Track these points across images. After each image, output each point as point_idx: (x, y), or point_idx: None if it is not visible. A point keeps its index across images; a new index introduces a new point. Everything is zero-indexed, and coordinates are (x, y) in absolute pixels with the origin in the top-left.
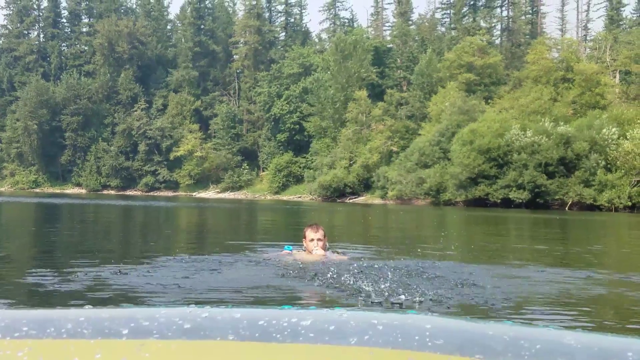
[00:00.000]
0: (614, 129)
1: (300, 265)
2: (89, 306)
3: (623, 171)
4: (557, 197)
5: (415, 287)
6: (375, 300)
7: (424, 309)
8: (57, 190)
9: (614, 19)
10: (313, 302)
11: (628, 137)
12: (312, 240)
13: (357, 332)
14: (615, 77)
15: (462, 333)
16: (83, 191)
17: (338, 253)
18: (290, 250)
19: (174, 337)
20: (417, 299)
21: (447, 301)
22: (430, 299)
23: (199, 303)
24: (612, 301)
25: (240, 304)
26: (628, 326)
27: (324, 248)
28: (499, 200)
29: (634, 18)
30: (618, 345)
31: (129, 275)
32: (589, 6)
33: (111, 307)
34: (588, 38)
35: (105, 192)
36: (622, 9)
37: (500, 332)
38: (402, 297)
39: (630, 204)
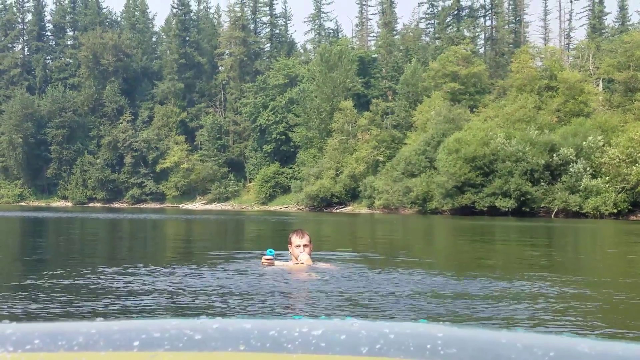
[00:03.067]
0: (599, 137)
1: (288, 276)
2: (100, 318)
3: (608, 178)
4: (543, 204)
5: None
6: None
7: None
8: (43, 204)
9: (596, 28)
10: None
11: (612, 144)
12: (299, 246)
13: (369, 341)
14: (598, 85)
15: (474, 342)
16: (69, 204)
17: (323, 262)
18: (273, 254)
19: (185, 348)
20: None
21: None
22: None
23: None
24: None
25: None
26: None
27: (310, 254)
28: (485, 209)
29: (616, 26)
30: (633, 352)
31: (102, 285)
32: (571, 15)
33: (122, 320)
34: (571, 46)
35: (91, 204)
36: (604, 17)
37: (513, 340)
38: None
39: (615, 210)
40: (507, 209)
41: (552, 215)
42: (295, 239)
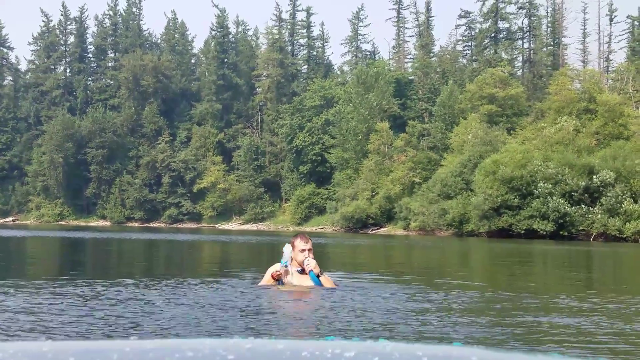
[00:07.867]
0: (637, 160)
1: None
2: (134, 337)
3: None
4: (581, 227)
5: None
6: None
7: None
8: (82, 223)
9: (635, 50)
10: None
11: None
12: (303, 250)
13: None
14: (638, 108)
15: None
16: (107, 223)
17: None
18: (287, 265)
19: None
20: None
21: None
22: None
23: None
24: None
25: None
26: None
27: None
28: (522, 231)
29: None
30: None
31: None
32: (610, 37)
33: (156, 338)
34: (610, 69)
35: (129, 224)
36: None
37: None
38: None
39: None
40: (545, 232)
41: (592, 239)
42: (300, 243)
